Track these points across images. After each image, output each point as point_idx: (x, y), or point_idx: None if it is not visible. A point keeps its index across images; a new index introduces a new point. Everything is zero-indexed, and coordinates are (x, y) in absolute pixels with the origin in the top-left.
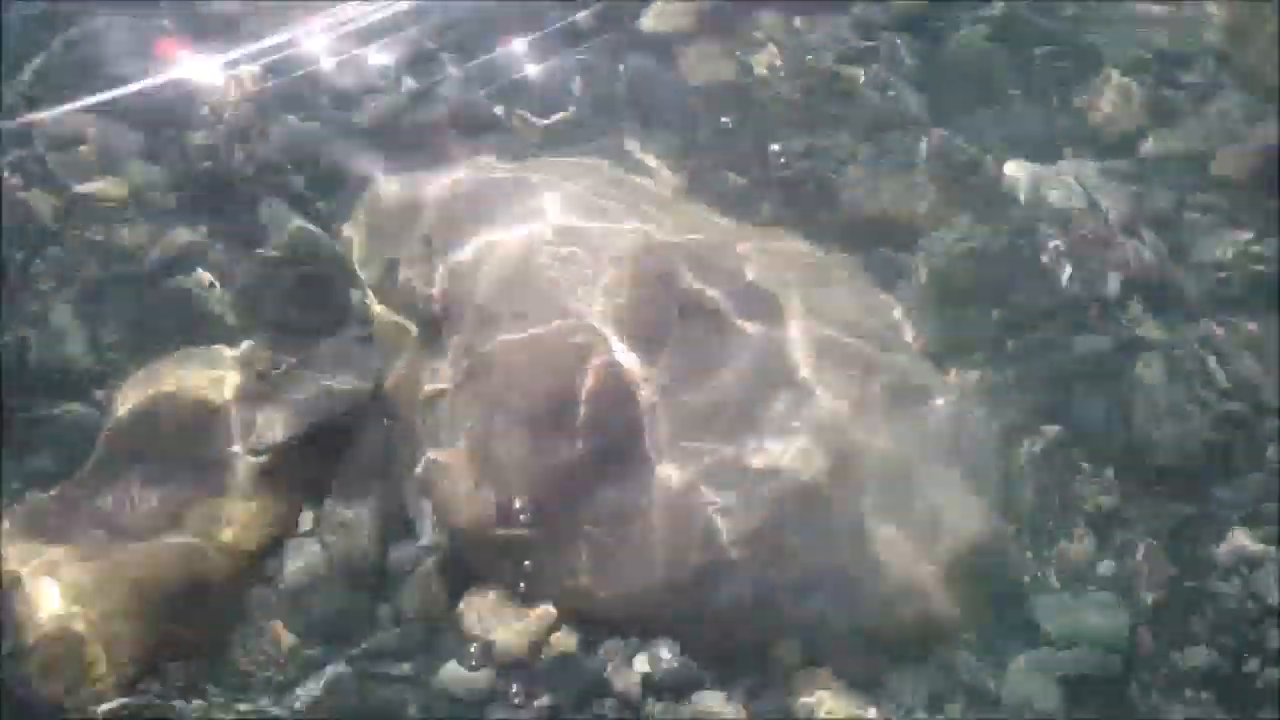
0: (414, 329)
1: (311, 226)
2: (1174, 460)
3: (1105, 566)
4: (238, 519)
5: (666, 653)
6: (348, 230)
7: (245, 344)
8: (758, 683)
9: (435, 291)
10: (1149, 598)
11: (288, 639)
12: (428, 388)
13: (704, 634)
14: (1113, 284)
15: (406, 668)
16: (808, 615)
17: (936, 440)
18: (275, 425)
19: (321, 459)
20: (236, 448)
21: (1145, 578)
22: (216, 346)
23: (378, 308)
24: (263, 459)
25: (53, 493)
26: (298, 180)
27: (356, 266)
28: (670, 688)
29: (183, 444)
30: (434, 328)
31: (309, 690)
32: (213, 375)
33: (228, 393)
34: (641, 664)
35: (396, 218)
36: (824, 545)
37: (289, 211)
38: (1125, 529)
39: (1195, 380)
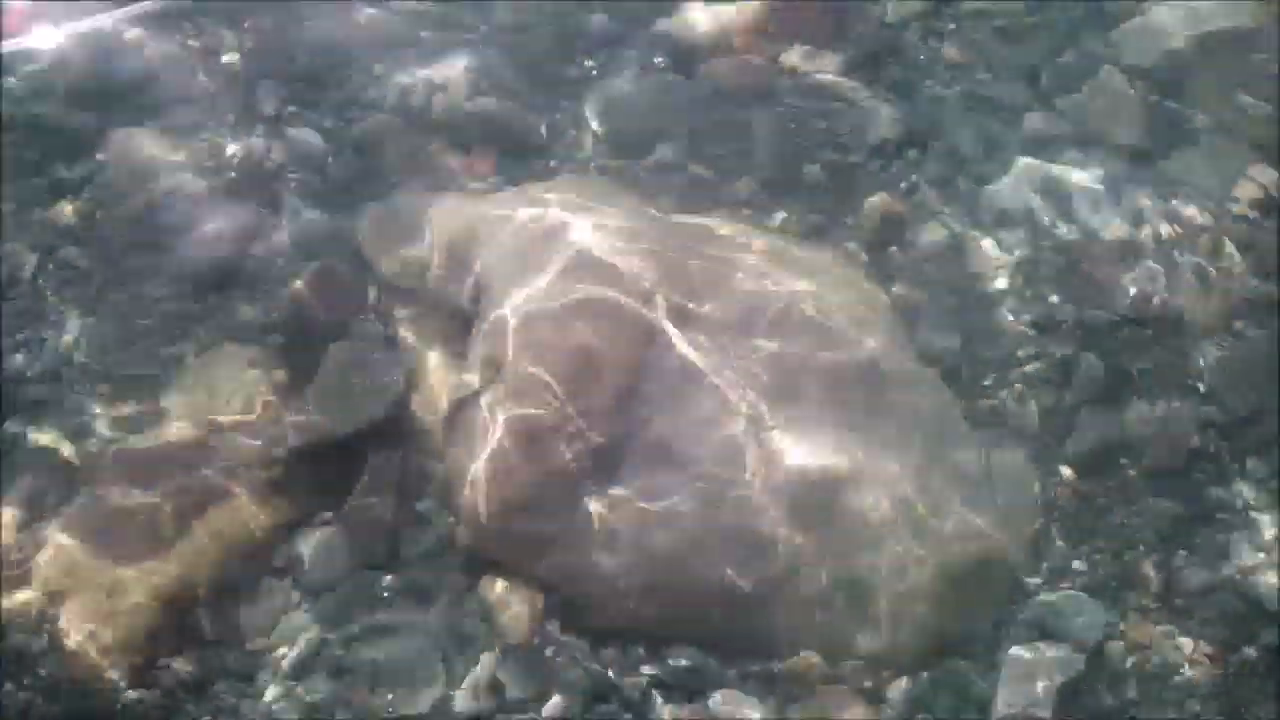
0: (441, 331)
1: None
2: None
3: (1093, 568)
4: (254, 522)
5: (683, 656)
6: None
7: (267, 346)
8: (782, 694)
9: (466, 294)
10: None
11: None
12: (453, 388)
13: (720, 640)
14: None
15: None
16: (821, 626)
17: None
18: (294, 431)
19: (341, 459)
20: (254, 453)
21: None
22: (241, 349)
23: (402, 310)
24: (280, 463)
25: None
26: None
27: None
28: (687, 690)
29: (205, 448)
30: (462, 330)
31: (316, 684)
32: (236, 381)
33: (243, 401)
34: (656, 665)
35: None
36: (835, 554)
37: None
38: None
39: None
